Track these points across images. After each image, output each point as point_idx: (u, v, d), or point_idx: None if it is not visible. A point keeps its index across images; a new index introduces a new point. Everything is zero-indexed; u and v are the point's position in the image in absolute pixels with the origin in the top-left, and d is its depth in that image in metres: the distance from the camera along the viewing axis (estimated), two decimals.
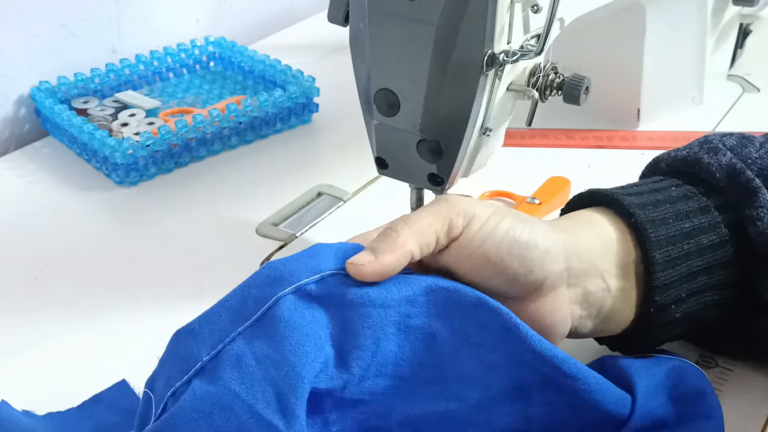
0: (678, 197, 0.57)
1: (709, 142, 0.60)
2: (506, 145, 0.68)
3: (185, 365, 0.46)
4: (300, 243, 0.74)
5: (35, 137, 0.90)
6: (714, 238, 0.56)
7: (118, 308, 0.67)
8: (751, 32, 0.97)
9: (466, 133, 0.60)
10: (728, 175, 0.57)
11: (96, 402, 0.57)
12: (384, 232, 0.49)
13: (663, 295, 0.54)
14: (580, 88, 0.62)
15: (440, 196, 0.52)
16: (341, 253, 0.49)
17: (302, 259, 0.48)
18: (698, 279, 0.55)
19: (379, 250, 0.48)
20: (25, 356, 0.62)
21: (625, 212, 0.55)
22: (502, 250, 0.50)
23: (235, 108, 0.85)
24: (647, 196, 0.57)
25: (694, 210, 0.56)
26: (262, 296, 0.47)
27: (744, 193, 0.56)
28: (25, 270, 0.71)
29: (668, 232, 0.55)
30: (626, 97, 0.89)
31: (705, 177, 0.58)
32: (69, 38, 0.93)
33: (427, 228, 0.49)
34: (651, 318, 0.54)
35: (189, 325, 0.48)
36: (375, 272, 0.48)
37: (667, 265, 0.54)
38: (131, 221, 0.78)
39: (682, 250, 0.55)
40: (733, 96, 0.96)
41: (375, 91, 0.61)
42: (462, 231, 0.50)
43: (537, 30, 0.61)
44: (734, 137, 0.61)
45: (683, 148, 0.61)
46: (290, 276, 0.47)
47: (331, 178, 0.82)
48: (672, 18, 0.85)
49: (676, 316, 0.55)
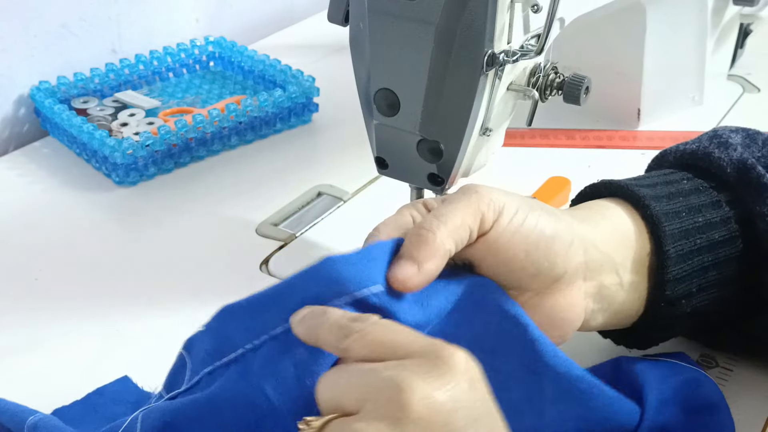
0: (690, 190, 0.56)
1: (719, 136, 0.59)
2: (506, 145, 0.68)
3: (227, 346, 0.45)
4: (300, 243, 0.74)
5: (35, 137, 0.90)
6: (725, 234, 0.55)
7: (118, 308, 0.67)
8: (751, 32, 0.97)
9: (466, 133, 0.60)
10: (739, 170, 0.57)
11: (99, 395, 0.57)
12: (419, 234, 0.47)
13: (674, 289, 0.54)
14: (580, 88, 0.62)
15: (468, 186, 0.50)
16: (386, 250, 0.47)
17: (361, 264, 0.46)
18: (709, 274, 0.55)
19: (420, 258, 0.46)
20: (25, 356, 0.62)
21: (640, 204, 0.55)
22: (530, 245, 0.49)
23: (235, 108, 0.85)
24: (660, 188, 0.56)
25: (706, 204, 0.56)
26: (318, 298, 0.44)
27: (755, 189, 0.56)
28: (25, 270, 0.71)
29: (682, 226, 0.54)
30: (626, 97, 0.89)
31: (716, 171, 0.57)
32: (69, 38, 0.93)
33: (461, 224, 0.48)
34: (661, 312, 0.54)
35: (240, 303, 0.46)
36: (421, 284, 0.46)
37: (679, 260, 0.54)
38: (131, 221, 0.78)
39: (694, 245, 0.54)
40: (733, 96, 0.96)
41: (375, 91, 0.61)
42: (492, 225, 0.49)
43: (537, 30, 0.61)
44: (740, 134, 0.60)
45: (692, 142, 0.60)
46: (349, 283, 0.45)
47: (331, 178, 0.82)
48: (672, 18, 0.85)
49: (686, 310, 0.55)
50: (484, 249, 0.49)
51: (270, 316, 0.45)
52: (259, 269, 0.71)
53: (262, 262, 0.72)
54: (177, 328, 0.65)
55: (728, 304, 0.57)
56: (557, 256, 0.50)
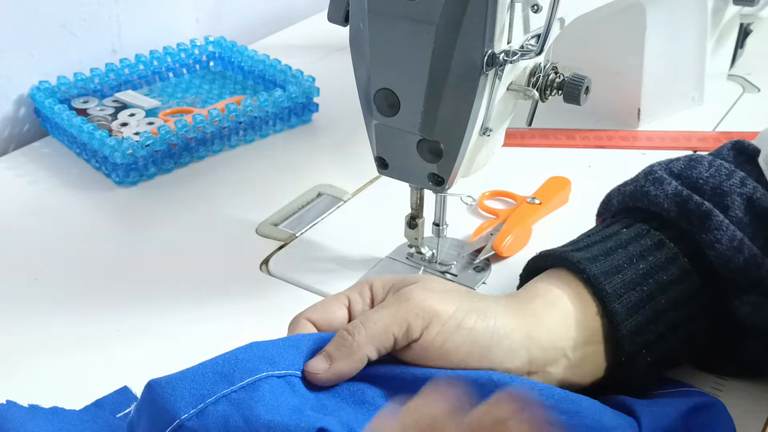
0: (629, 239, 0.56)
1: (654, 172, 0.59)
2: (506, 145, 0.68)
3: (164, 419, 0.47)
4: (300, 243, 0.74)
5: (35, 137, 0.90)
6: (675, 271, 0.55)
7: (118, 308, 0.67)
8: (751, 32, 0.97)
9: (466, 133, 0.60)
10: (676, 204, 0.56)
11: (98, 407, 0.57)
12: (340, 335, 0.50)
13: (632, 342, 0.53)
14: (580, 88, 0.62)
15: (402, 293, 0.52)
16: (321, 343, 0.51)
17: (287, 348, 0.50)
18: (666, 316, 0.54)
19: (334, 357, 0.50)
20: (25, 356, 0.62)
21: (577, 269, 0.55)
22: (462, 353, 0.50)
23: (235, 108, 0.85)
24: (598, 246, 0.56)
25: (649, 247, 0.55)
26: (251, 369, 0.48)
27: (696, 219, 0.55)
28: (25, 270, 0.71)
29: (624, 278, 0.54)
30: (626, 97, 0.89)
31: (655, 210, 0.57)
32: (69, 38, 0.93)
33: (384, 331, 0.50)
34: (622, 368, 0.54)
35: (168, 378, 0.48)
36: (330, 380, 0.50)
37: (630, 312, 0.53)
38: (131, 221, 0.78)
39: (642, 293, 0.54)
40: (733, 96, 0.96)
41: (375, 91, 0.61)
42: (421, 334, 0.50)
43: (537, 30, 0.61)
44: (681, 161, 0.60)
45: (630, 181, 0.60)
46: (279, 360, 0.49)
47: (331, 178, 0.82)
48: (672, 18, 0.85)
49: (648, 359, 0.54)
50: (416, 354, 0.51)
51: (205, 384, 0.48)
52: (259, 269, 0.71)
53: (262, 262, 0.72)
54: (177, 328, 0.65)
55: (696, 341, 0.56)
56: (493, 362, 0.51)
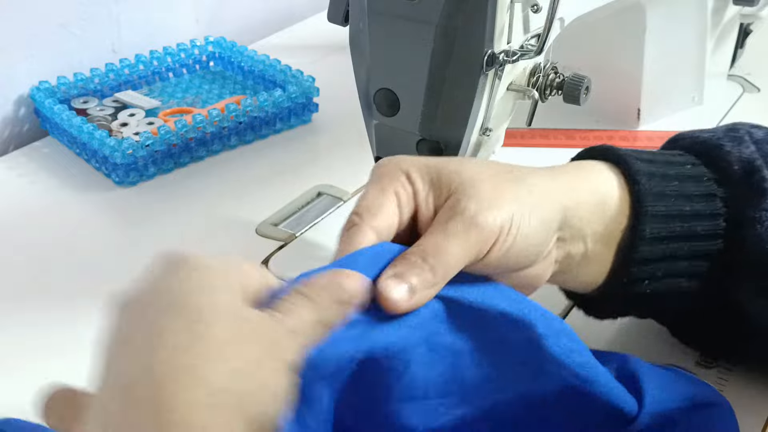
0: (689, 176, 0.55)
1: (736, 130, 0.58)
2: (506, 145, 0.68)
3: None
4: (300, 243, 0.74)
5: (35, 137, 0.90)
6: (708, 228, 0.55)
7: None
8: (751, 32, 0.97)
9: (466, 133, 0.60)
10: (744, 169, 0.56)
11: None
12: (418, 264, 0.47)
13: (640, 268, 0.53)
14: (580, 88, 0.62)
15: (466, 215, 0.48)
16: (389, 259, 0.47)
17: (372, 261, 0.47)
18: (679, 263, 0.54)
19: (415, 287, 0.46)
20: (25, 356, 0.62)
21: (631, 177, 0.54)
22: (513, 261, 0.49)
23: (235, 108, 0.85)
24: (659, 166, 0.55)
25: (700, 194, 0.55)
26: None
27: (754, 192, 0.55)
28: (25, 270, 0.71)
29: (667, 210, 0.54)
30: (626, 97, 0.89)
31: (722, 165, 0.56)
32: (69, 38, 0.93)
33: (458, 264, 0.47)
34: (620, 288, 0.54)
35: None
36: (410, 308, 0.46)
37: (652, 242, 0.53)
38: (131, 221, 0.78)
39: (673, 231, 0.54)
40: (733, 96, 0.96)
41: (375, 91, 0.61)
42: (486, 254, 0.48)
43: (537, 30, 0.61)
44: (763, 131, 0.59)
45: (709, 130, 0.59)
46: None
47: (331, 178, 0.82)
48: (672, 18, 0.85)
49: (646, 291, 0.54)
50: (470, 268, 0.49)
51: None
52: None
53: (262, 262, 0.71)
54: None
55: (689, 299, 0.56)
56: (537, 256, 0.51)
